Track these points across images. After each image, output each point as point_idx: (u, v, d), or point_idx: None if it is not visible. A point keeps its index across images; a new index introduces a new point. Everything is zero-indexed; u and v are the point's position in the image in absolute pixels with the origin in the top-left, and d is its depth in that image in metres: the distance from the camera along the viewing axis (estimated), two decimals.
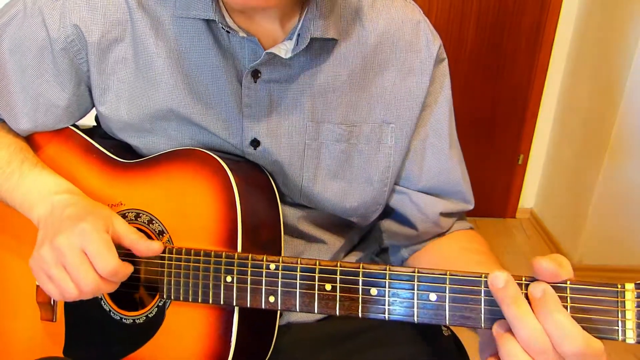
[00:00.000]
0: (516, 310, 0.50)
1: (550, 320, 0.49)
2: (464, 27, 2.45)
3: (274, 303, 0.62)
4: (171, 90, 0.72)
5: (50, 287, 0.65)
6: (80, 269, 0.62)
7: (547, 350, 0.49)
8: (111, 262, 0.62)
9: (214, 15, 0.66)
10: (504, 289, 0.51)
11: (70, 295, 0.63)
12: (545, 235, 2.63)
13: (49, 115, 0.76)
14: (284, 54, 0.68)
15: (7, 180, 0.72)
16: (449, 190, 0.80)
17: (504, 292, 0.51)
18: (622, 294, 0.50)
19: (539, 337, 0.49)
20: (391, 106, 0.74)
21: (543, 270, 0.51)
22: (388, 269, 0.57)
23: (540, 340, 0.49)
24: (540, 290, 0.50)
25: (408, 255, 0.85)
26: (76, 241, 0.62)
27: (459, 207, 0.82)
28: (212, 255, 0.65)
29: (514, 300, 0.50)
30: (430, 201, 0.79)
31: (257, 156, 0.74)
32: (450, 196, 0.81)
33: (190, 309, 0.68)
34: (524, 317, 0.49)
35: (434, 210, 0.79)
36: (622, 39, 2.08)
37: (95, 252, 0.62)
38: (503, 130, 2.64)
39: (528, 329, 0.49)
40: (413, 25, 0.74)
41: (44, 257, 0.64)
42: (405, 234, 0.82)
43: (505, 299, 0.51)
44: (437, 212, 0.79)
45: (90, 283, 0.62)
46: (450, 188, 0.80)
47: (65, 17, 0.70)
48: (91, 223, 0.64)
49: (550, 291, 0.50)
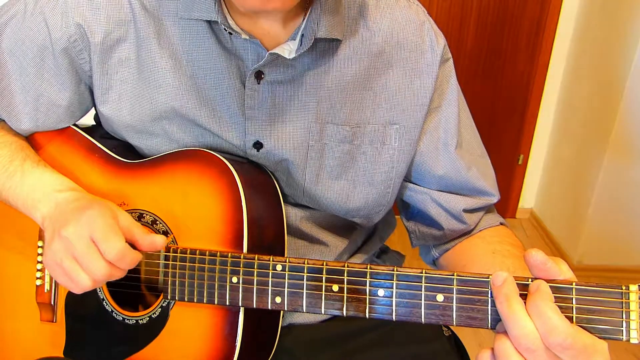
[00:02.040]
0: (508, 308, 0.51)
1: (536, 312, 0.50)
2: (464, 27, 2.45)
3: (281, 304, 0.62)
4: (174, 92, 0.72)
5: (65, 280, 0.64)
6: (89, 256, 0.62)
7: (537, 349, 0.49)
8: (117, 246, 0.62)
9: (217, 16, 0.66)
10: (500, 287, 0.52)
11: (85, 284, 0.63)
12: (545, 235, 2.63)
13: (50, 115, 0.76)
14: (288, 54, 0.68)
15: (9, 178, 0.72)
16: (466, 188, 0.80)
17: (499, 290, 0.52)
18: (627, 295, 0.51)
19: (529, 335, 0.49)
20: (396, 107, 0.74)
21: (533, 260, 0.53)
22: (395, 269, 0.57)
23: (531, 338, 0.49)
24: (534, 286, 0.52)
25: (439, 255, 0.85)
26: (84, 229, 0.62)
27: (481, 203, 0.81)
28: (218, 256, 0.65)
29: (507, 298, 0.51)
30: (452, 199, 0.79)
31: (260, 158, 0.74)
32: (470, 193, 0.80)
33: (195, 309, 0.68)
34: (514, 315, 0.50)
35: (456, 207, 0.79)
36: (622, 39, 2.08)
37: (101, 237, 0.62)
38: (503, 130, 2.64)
39: (518, 327, 0.50)
40: (417, 25, 0.74)
41: (55, 251, 0.64)
42: (432, 234, 0.82)
43: (499, 296, 0.52)
44: (459, 209, 0.79)
45: (100, 269, 0.62)
46: (467, 185, 0.79)
47: (67, 16, 0.70)
48: (97, 210, 0.64)
49: (544, 288, 0.51)
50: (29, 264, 0.77)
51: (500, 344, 0.51)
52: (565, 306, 0.51)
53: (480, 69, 2.51)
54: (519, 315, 0.50)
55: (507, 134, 2.65)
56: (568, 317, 0.51)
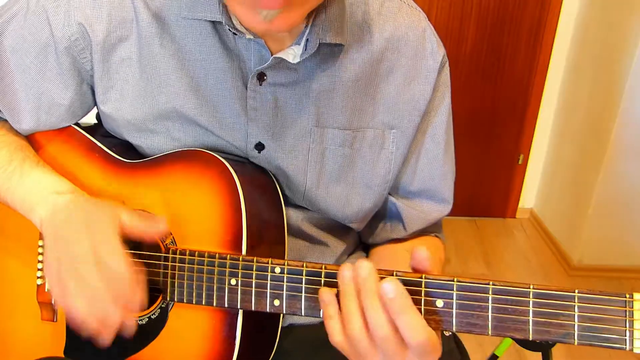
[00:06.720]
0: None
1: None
2: (464, 27, 2.45)
3: (279, 307, 0.62)
4: (176, 91, 0.71)
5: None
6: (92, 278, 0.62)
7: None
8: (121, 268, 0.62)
9: (221, 17, 0.66)
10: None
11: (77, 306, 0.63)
12: (545, 235, 2.63)
13: (52, 114, 0.75)
14: (292, 58, 0.68)
15: (8, 179, 0.72)
16: (436, 195, 0.82)
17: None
18: (631, 303, 0.50)
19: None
20: (394, 112, 0.75)
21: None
22: (395, 274, 0.57)
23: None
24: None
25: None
26: (88, 250, 0.62)
27: (445, 211, 0.84)
28: (217, 258, 0.65)
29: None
30: (427, 205, 0.82)
31: (261, 159, 0.74)
32: (437, 201, 0.83)
33: (194, 311, 0.68)
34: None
35: (430, 213, 0.83)
36: (622, 39, 2.08)
37: (106, 255, 0.62)
38: (503, 130, 2.64)
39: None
40: (419, 32, 0.74)
41: (56, 263, 0.64)
42: (391, 236, 0.85)
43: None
44: (432, 216, 0.83)
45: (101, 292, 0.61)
46: (439, 192, 0.82)
47: (69, 15, 0.70)
48: (100, 227, 0.63)
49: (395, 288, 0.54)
50: (29, 263, 0.77)
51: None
52: (568, 314, 0.51)
53: (480, 69, 2.51)
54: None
55: (507, 134, 2.65)
56: (570, 325, 0.51)
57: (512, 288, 0.54)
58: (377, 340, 0.54)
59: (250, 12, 0.58)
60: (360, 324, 0.55)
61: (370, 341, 0.55)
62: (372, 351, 0.55)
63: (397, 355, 0.55)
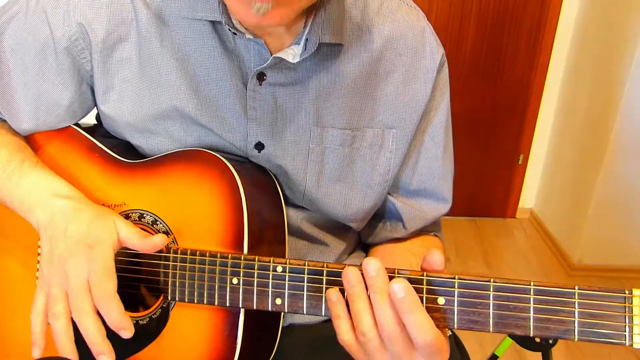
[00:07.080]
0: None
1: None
2: (464, 27, 2.45)
3: (281, 305, 0.62)
4: (176, 91, 0.71)
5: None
6: (80, 297, 0.63)
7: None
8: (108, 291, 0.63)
9: (221, 16, 0.66)
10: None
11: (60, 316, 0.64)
12: (545, 235, 2.63)
13: (51, 114, 0.75)
14: (292, 58, 0.68)
15: (7, 180, 0.71)
16: (436, 194, 0.83)
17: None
18: (630, 299, 0.51)
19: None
20: (394, 111, 0.75)
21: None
22: (396, 272, 0.57)
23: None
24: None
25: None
26: (83, 269, 0.63)
27: (445, 209, 0.84)
28: (218, 257, 0.65)
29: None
30: (426, 204, 0.82)
31: (261, 159, 0.74)
32: (437, 200, 0.83)
33: (195, 310, 0.68)
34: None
35: (430, 212, 0.83)
36: (622, 39, 2.08)
37: (96, 280, 0.63)
38: (503, 130, 2.64)
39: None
40: (418, 32, 0.74)
41: (50, 274, 0.65)
42: (391, 236, 0.85)
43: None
44: (432, 215, 0.83)
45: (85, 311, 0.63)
46: (438, 191, 0.82)
47: (69, 15, 0.70)
48: (98, 247, 0.64)
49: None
50: (29, 263, 0.77)
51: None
52: (568, 310, 0.52)
53: (480, 69, 2.52)
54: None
55: (507, 134, 2.65)
56: (570, 321, 0.51)
57: (513, 285, 0.54)
58: (386, 340, 0.55)
59: (243, 6, 0.58)
60: (371, 322, 0.55)
61: (380, 340, 0.55)
62: (381, 350, 0.56)
63: (405, 355, 0.55)
